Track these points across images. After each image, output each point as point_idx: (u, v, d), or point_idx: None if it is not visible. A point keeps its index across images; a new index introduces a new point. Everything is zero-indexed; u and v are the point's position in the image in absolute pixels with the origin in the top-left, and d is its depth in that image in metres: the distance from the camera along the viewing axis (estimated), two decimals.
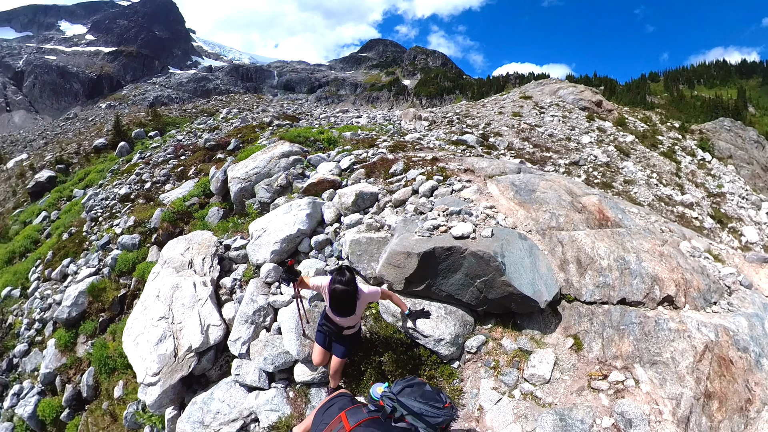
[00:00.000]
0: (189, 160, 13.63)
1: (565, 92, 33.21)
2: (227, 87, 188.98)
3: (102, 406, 6.06)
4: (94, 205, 12.57)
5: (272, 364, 4.14)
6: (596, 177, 19.64)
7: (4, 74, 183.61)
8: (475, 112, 30.27)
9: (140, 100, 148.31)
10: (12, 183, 24.54)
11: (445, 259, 3.81)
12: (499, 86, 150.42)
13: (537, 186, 4.98)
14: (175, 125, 23.35)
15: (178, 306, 4.90)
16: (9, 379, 7.67)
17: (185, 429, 4.15)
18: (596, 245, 4.18)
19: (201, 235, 6.11)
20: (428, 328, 3.76)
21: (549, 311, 3.94)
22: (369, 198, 5.72)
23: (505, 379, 3.58)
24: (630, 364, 3.47)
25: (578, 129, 26.90)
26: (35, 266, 10.59)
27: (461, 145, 17.64)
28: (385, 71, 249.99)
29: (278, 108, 27.51)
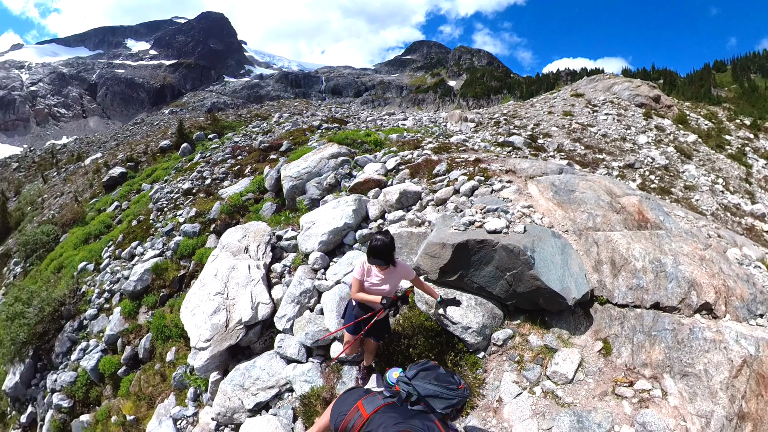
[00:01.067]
0: (245, 159, 14.61)
1: (619, 88, 31.39)
2: (278, 93, 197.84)
3: (154, 367, 6.92)
4: (160, 198, 13.84)
5: (312, 339, 4.55)
6: (653, 181, 18.48)
7: (81, 86, 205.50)
8: (523, 112, 29.49)
9: (199, 106, 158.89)
10: (89, 177, 27.56)
11: (477, 251, 3.97)
12: (549, 84, 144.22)
13: (576, 186, 4.97)
14: (232, 128, 24.89)
15: (233, 284, 5.49)
16: (78, 337, 8.90)
17: (227, 390, 4.64)
18: (632, 246, 4.10)
19: (256, 225, 6.76)
20: (457, 316, 3.92)
21: (581, 313, 3.93)
22: (412, 196, 6.03)
23: (528, 375, 3.62)
24: (659, 373, 3.32)
25: (634, 128, 25.42)
26: (108, 246, 11.95)
27: (507, 147, 17.38)
28: (430, 73, 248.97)
29: (326, 112, 28.48)
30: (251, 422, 4.21)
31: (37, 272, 13.77)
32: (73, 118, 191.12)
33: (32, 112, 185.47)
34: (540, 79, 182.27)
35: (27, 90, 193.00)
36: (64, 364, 8.48)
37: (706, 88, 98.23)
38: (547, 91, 47.36)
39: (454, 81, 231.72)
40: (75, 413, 7.53)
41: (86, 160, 41.73)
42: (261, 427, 4.06)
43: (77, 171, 36.42)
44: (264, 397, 4.41)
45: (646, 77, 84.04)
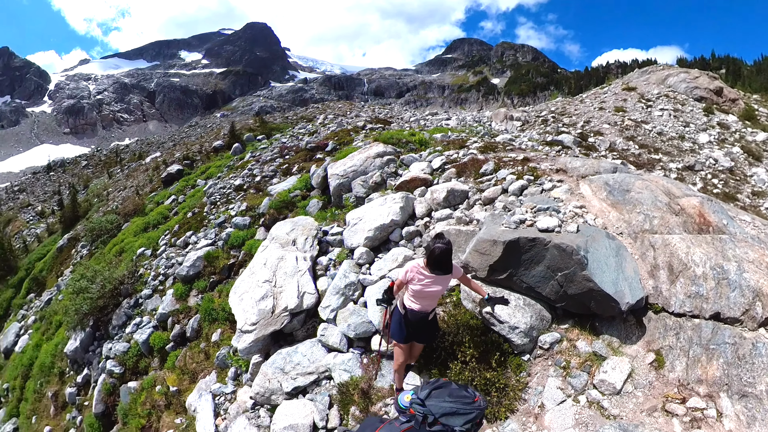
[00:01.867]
0: (292, 159, 15.15)
1: (675, 80, 28.98)
2: (321, 96, 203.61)
3: (200, 345, 7.37)
4: (214, 192, 14.66)
5: (354, 330, 4.68)
6: (716, 186, 17.02)
7: (141, 94, 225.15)
8: (572, 109, 28.27)
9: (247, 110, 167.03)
10: (149, 173, 29.93)
11: (528, 249, 3.88)
12: (598, 78, 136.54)
13: (632, 186, 4.73)
14: (279, 130, 25.84)
15: (281, 273, 5.76)
16: (133, 313, 9.73)
17: (267, 372, 4.87)
18: (692, 251, 3.82)
19: (304, 219, 7.06)
20: (505, 315, 3.85)
21: (633, 321, 3.73)
22: (459, 195, 6.03)
23: (573, 382, 3.47)
24: (715, 391, 3.07)
25: (693, 125, 23.61)
26: (164, 235, 12.87)
27: (556, 146, 16.76)
28: (472, 71, 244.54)
29: (369, 113, 28.84)
30: (288, 404, 4.41)
31: (101, 255, 15.10)
32: (134, 122, 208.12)
33: (99, 117, 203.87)
34: (589, 73, 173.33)
35: (94, 98, 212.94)
36: (119, 335, 9.35)
37: None
38: (596, 86, 44.90)
39: (498, 79, 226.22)
40: (124, 379, 8.28)
41: (146, 158, 45.24)
42: (297, 410, 4.24)
43: (138, 168, 39.47)
44: (302, 382, 4.61)
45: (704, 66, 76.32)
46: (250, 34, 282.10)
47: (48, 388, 10.53)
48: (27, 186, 66.13)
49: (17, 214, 48.71)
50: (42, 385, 10.80)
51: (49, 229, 31.74)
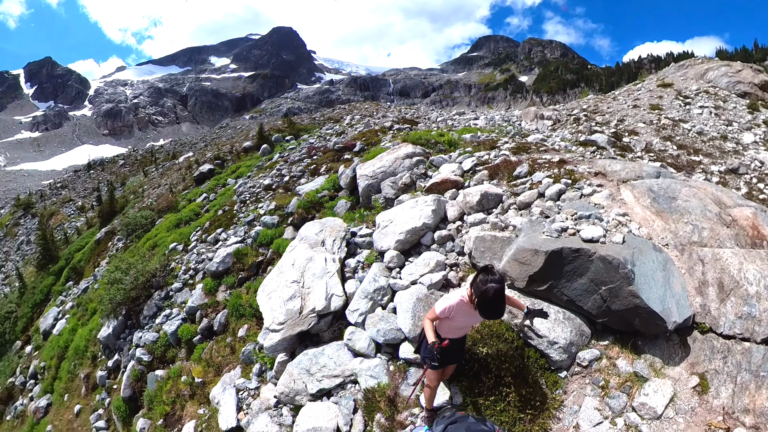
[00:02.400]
0: (320, 159, 15.29)
1: (715, 74, 27.08)
2: (347, 97, 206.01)
3: (226, 339, 7.53)
4: (244, 191, 15.00)
5: (383, 336, 4.59)
6: (762, 191, 15.94)
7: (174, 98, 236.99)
8: (604, 106, 27.26)
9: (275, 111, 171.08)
10: (182, 172, 31.01)
11: (572, 260, 3.72)
12: (630, 74, 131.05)
13: (678, 193, 4.47)
14: (307, 131, 26.17)
15: (309, 275, 5.79)
16: (164, 305, 10.08)
17: (293, 372, 4.89)
18: (744, 267, 3.55)
19: (333, 220, 7.07)
20: (544, 329, 3.70)
21: (677, 341, 3.52)
22: (493, 199, 5.88)
23: (612, 403, 3.31)
24: (763, 423, 2.87)
25: (737, 124, 22.26)
26: (196, 231, 13.29)
27: (590, 146, 16.23)
28: (499, 69, 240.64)
29: (396, 113, 28.79)
30: (312, 406, 4.41)
31: (135, 248, 15.75)
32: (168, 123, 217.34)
33: (135, 119, 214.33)
34: (620, 68, 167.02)
35: (130, 102, 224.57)
36: (149, 325, 9.71)
37: None
38: (629, 82, 43.07)
39: (525, 76, 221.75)
40: (152, 367, 8.59)
41: (180, 158, 47.02)
42: (321, 412, 4.23)
43: (172, 167, 41.04)
44: (328, 384, 4.60)
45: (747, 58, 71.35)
46: (276, 38, 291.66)
47: (81, 369, 11.14)
48: (69, 183, 69.80)
49: (59, 209, 51.67)
50: (75, 366, 11.43)
51: (88, 223, 33.53)
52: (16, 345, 17.50)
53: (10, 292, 25.72)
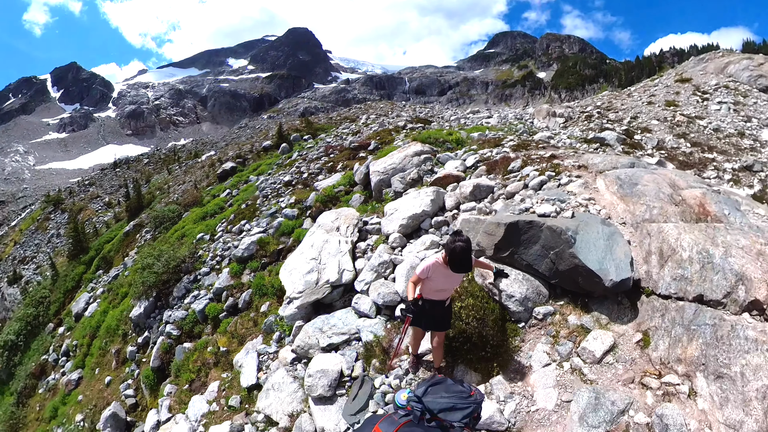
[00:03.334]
0: (337, 157, 16.13)
1: (736, 68, 26.22)
2: (363, 96, 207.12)
3: (250, 315, 8.33)
4: (265, 187, 16.04)
5: (383, 299, 5.53)
6: None
7: (194, 99, 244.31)
8: (618, 103, 27.17)
9: (293, 111, 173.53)
10: (205, 170, 32.66)
11: (526, 231, 4.46)
12: (651, 68, 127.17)
13: (640, 179, 5.07)
14: (324, 130, 27.08)
15: (325, 253, 6.77)
16: (192, 287, 11.07)
17: (308, 330, 5.71)
18: (681, 237, 4.03)
19: (347, 210, 8.08)
20: (503, 285, 4.44)
21: (627, 304, 4.06)
22: (485, 190, 6.67)
23: (560, 349, 3.87)
24: (692, 371, 3.17)
25: (756, 120, 21.97)
26: (221, 223, 14.37)
27: (596, 144, 16.50)
28: (517, 65, 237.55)
29: (411, 112, 29.42)
30: (321, 356, 5.25)
31: (164, 238, 16.95)
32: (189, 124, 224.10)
33: (157, 120, 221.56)
34: (641, 62, 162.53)
35: (152, 104, 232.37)
36: (178, 305, 10.66)
37: None
38: (649, 77, 42.22)
39: (544, 72, 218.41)
40: (180, 341, 9.42)
41: (202, 156, 49.08)
42: (329, 360, 5.09)
43: (195, 165, 42.76)
44: (336, 340, 5.46)
45: None
46: (292, 39, 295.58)
47: (112, 346, 12.20)
48: (96, 180, 72.78)
49: (87, 204, 54.31)
50: (107, 343, 12.52)
51: (116, 217, 35.40)
52: (49, 327, 18.82)
53: (43, 280, 27.43)
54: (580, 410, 3.25)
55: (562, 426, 3.32)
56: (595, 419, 3.18)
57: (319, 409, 4.70)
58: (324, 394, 4.74)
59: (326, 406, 4.70)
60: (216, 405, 6.22)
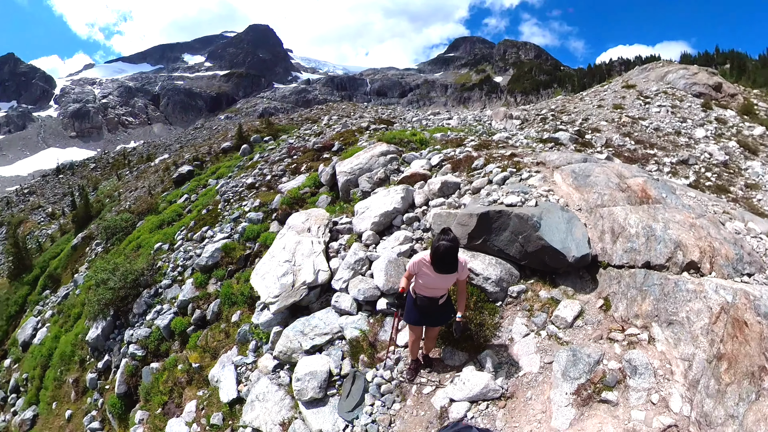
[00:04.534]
0: (300, 159, 15.97)
1: (674, 77, 29.29)
2: (324, 96, 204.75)
3: (220, 326, 7.95)
4: (227, 191, 15.55)
5: (363, 295, 5.54)
6: (708, 179, 17.57)
7: (145, 97, 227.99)
8: (571, 106, 28.83)
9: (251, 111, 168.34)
10: (159, 174, 31.05)
11: (496, 219, 4.90)
12: (601, 75, 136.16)
13: (592, 172, 5.71)
14: (285, 131, 26.69)
15: (299, 255, 6.66)
16: (153, 302, 10.33)
17: (289, 334, 5.62)
18: (629, 217, 4.75)
19: (317, 210, 8.01)
20: (480, 269, 4.82)
21: (588, 278, 4.62)
22: (452, 186, 6.94)
23: (536, 320, 4.36)
24: (648, 322, 3.83)
25: (691, 121, 24.09)
26: (180, 231, 13.69)
27: (550, 143, 17.36)
28: (475, 69, 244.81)
29: (373, 113, 29.58)
30: (307, 359, 5.19)
31: (117, 251, 15.93)
32: (139, 125, 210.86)
33: (104, 121, 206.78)
34: (592, 70, 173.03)
35: (99, 102, 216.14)
36: (140, 322, 9.91)
37: None
38: (599, 83, 45.16)
39: (501, 77, 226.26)
40: (146, 361, 8.83)
41: (155, 160, 46.52)
42: (315, 361, 5.06)
43: (147, 170, 40.64)
44: (319, 341, 5.39)
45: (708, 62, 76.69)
46: (252, 36, 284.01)
47: (69, 375, 11.09)
48: (37, 188, 67.73)
49: (28, 216, 50.22)
50: (62, 373, 11.37)
51: (61, 229, 32.96)
52: None
53: None
54: (562, 368, 3.76)
55: (548, 384, 3.76)
56: (575, 372, 3.69)
57: (312, 412, 4.69)
58: (315, 396, 4.75)
59: (319, 408, 4.71)
60: (197, 426, 5.95)
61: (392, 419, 4.25)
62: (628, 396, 3.43)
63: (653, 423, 3.18)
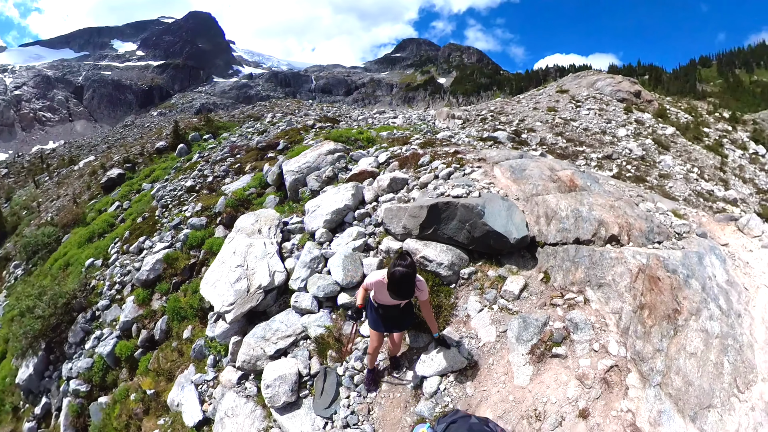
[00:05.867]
0: (244, 158, 15.43)
1: (602, 84, 32.64)
2: (267, 93, 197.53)
3: (172, 345, 7.46)
4: (164, 195, 14.58)
5: (323, 291, 5.57)
6: (629, 171, 19.60)
7: (67, 89, 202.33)
8: (509, 108, 30.57)
9: (188, 107, 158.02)
10: (85, 180, 27.96)
11: (445, 210, 5.32)
12: (538, 80, 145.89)
13: (527, 167, 6.39)
14: (226, 129, 25.60)
15: (251, 258, 6.48)
16: (91, 327, 9.34)
17: (250, 342, 5.48)
18: (559, 202, 5.46)
19: (266, 211, 7.81)
20: (433, 255, 5.21)
21: (528, 256, 5.19)
22: (400, 182, 7.17)
23: (487, 297, 4.81)
24: (582, 287, 4.50)
25: (614, 122, 26.61)
26: (114, 243, 12.58)
27: (490, 142, 18.31)
28: (420, 70, 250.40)
29: (318, 111, 29.29)
30: (272, 364, 5.07)
31: (42, 272, 14.25)
32: (59, 122, 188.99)
33: (17, 116, 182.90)
34: (529, 75, 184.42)
35: (11, 94, 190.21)
36: (79, 353, 8.91)
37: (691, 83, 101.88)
38: (536, 88, 48.32)
39: (444, 78, 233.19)
40: (92, 397, 7.97)
41: (79, 163, 42.14)
42: (283, 365, 4.98)
43: (71, 174, 36.86)
44: (283, 344, 5.31)
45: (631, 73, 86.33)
46: (192, 24, 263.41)
47: (0, 428, 9.70)
48: None
49: None
50: None
51: None
52: None
53: None
54: (515, 333, 4.28)
55: (506, 349, 4.26)
56: (527, 335, 4.22)
57: (287, 417, 4.63)
58: (288, 401, 4.69)
59: (294, 413, 4.66)
60: None
61: (370, 407, 4.46)
62: (574, 348, 4.01)
63: (598, 366, 3.79)
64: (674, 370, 3.66)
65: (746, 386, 3.59)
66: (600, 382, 3.67)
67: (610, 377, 3.69)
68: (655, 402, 3.47)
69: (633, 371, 3.70)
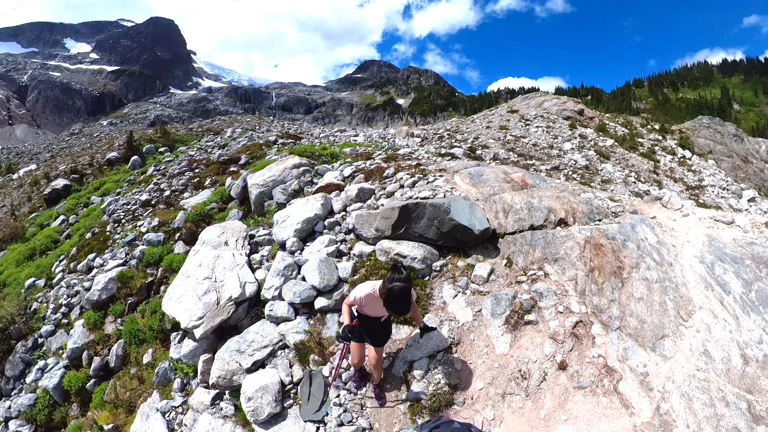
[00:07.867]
0: (204, 172, 15.14)
1: (549, 104, 35.19)
2: (226, 108, 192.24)
3: (130, 372, 6.78)
4: (116, 209, 13.80)
5: (299, 297, 5.57)
6: (575, 179, 21.20)
7: (9, 88, 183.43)
8: (464, 127, 32.07)
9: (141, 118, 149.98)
10: (25, 190, 25.52)
11: (415, 210, 5.87)
12: (490, 102, 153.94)
13: (484, 172, 7.27)
14: (183, 142, 24.92)
15: (219, 269, 6.32)
16: (33, 357, 8.27)
17: (224, 356, 5.19)
18: (514, 198, 6.30)
19: (233, 223, 7.77)
20: (407, 252, 5.70)
21: (491, 247, 5.85)
22: (368, 192, 7.56)
23: (459, 283, 5.34)
24: (541, 264, 5.25)
25: (561, 137, 28.63)
26: (59, 261, 11.55)
27: (448, 157, 19.22)
28: (380, 91, 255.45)
29: (280, 128, 29.25)
30: (251, 377, 4.84)
31: None
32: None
33: None
34: (483, 97, 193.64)
35: None
36: (19, 388, 7.85)
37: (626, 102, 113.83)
38: (488, 108, 50.91)
39: (403, 99, 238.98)
40: None
41: (19, 171, 38.77)
42: (263, 376, 4.79)
43: (8, 184, 33.89)
44: (260, 355, 5.13)
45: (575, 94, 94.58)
46: (152, 30, 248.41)
47: None
48: None
49: None
50: None
51: None
52: None
53: None
54: (489, 310, 4.87)
55: (484, 325, 4.79)
56: (500, 309, 4.81)
57: (274, 430, 4.44)
58: (273, 411, 4.50)
59: (280, 424, 4.48)
60: None
61: (362, 402, 4.57)
62: (543, 313, 4.66)
63: (566, 324, 4.42)
64: (628, 314, 4.35)
65: (688, 315, 4.28)
66: (570, 337, 4.27)
67: (578, 331, 4.31)
68: (618, 342, 4.12)
69: (595, 322, 4.36)
